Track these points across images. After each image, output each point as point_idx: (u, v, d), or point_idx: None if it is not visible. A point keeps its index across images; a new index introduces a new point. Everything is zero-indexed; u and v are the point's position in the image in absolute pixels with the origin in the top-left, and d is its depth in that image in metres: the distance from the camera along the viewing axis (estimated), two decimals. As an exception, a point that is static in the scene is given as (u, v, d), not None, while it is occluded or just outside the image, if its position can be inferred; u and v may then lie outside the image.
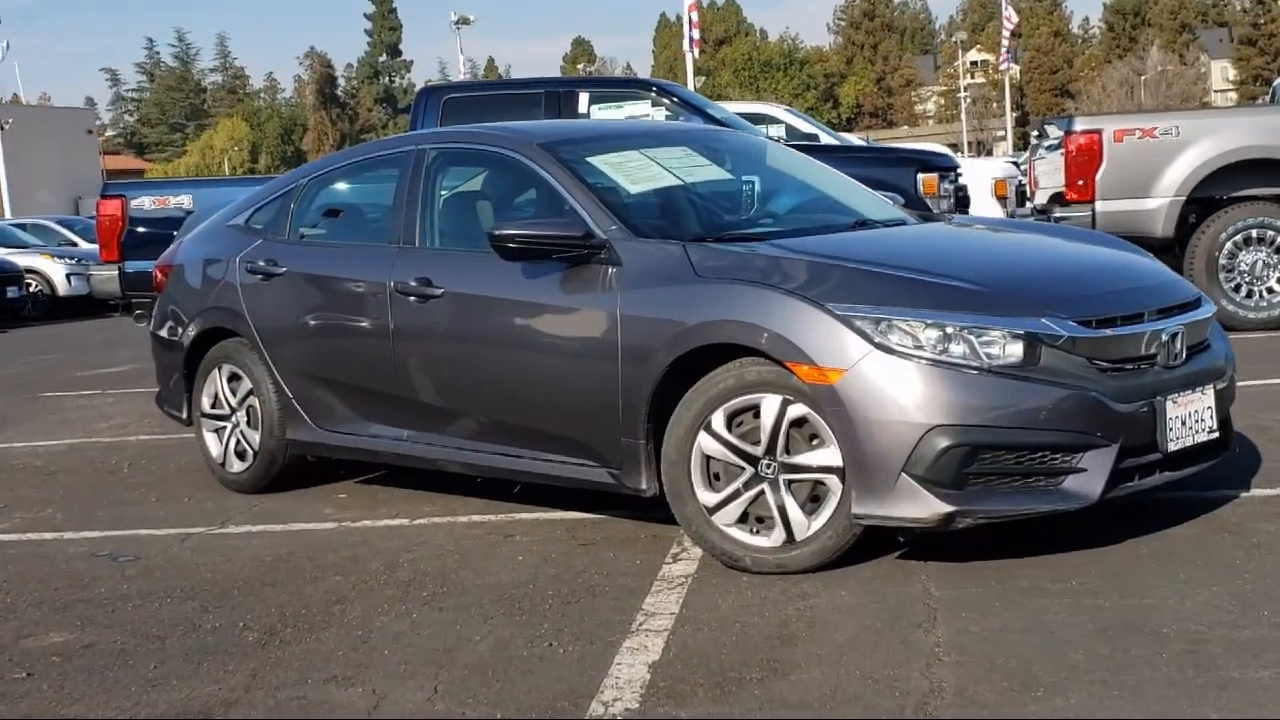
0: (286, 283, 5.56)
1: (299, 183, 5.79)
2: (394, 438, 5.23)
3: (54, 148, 47.24)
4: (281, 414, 5.62)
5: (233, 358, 5.79)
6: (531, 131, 5.14)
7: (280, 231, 5.74)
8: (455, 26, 50.31)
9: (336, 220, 5.74)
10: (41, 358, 13.39)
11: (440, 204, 5.23)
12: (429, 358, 5.03)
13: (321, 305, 5.43)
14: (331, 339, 5.41)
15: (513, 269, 4.69)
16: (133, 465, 6.74)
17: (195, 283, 6.05)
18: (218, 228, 6.15)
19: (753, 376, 4.11)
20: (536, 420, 4.72)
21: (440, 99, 10.03)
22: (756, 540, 4.16)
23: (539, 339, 4.68)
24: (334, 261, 5.45)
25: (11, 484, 6.44)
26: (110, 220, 10.14)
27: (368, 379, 5.28)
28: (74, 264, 20.77)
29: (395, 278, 5.09)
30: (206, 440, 5.98)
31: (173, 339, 6.10)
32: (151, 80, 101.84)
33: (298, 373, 5.52)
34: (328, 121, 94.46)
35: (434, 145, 5.28)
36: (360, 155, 5.78)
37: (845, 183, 5.53)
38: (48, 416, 8.79)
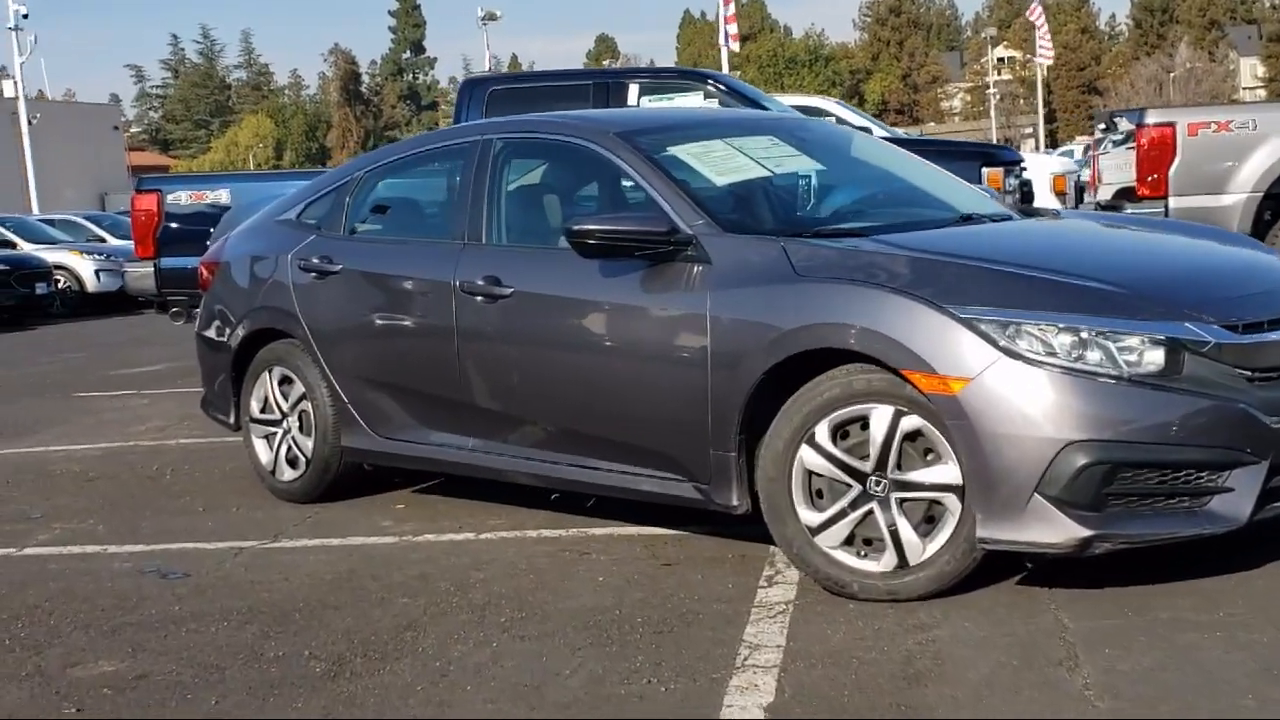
0: (342, 281, 5.24)
1: (355, 175, 5.46)
2: (458, 446, 4.91)
3: (80, 144, 47.17)
4: (336, 419, 5.30)
5: (284, 360, 5.47)
6: (607, 120, 4.80)
7: (335, 227, 5.42)
8: (482, 22, 50.09)
9: (396, 215, 5.42)
10: (72, 356, 13.14)
11: (508, 198, 4.90)
12: (497, 361, 4.70)
13: (380, 305, 5.11)
14: (391, 341, 5.09)
15: (589, 267, 4.36)
16: (175, 471, 6.44)
17: (244, 281, 5.73)
18: (267, 223, 5.84)
19: (862, 385, 3.76)
20: (614, 430, 4.39)
21: (485, 91, 9.70)
22: (865, 564, 3.81)
23: (618, 343, 4.34)
24: (393, 259, 5.12)
25: (49, 491, 6.14)
26: (146, 215, 9.86)
27: (429, 383, 4.95)
28: (103, 260, 20.55)
29: (460, 276, 4.76)
30: (256, 447, 5.66)
31: (220, 340, 5.79)
32: (176, 77, 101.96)
33: (354, 376, 5.21)
34: (352, 118, 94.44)
35: (501, 135, 4.95)
36: (421, 146, 5.44)
37: (937, 174, 5.18)
38: (82, 418, 8.51)
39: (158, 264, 9.80)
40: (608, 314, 4.36)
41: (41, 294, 18.72)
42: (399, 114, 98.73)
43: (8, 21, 31.64)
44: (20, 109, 33.92)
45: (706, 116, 5.80)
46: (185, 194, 9.85)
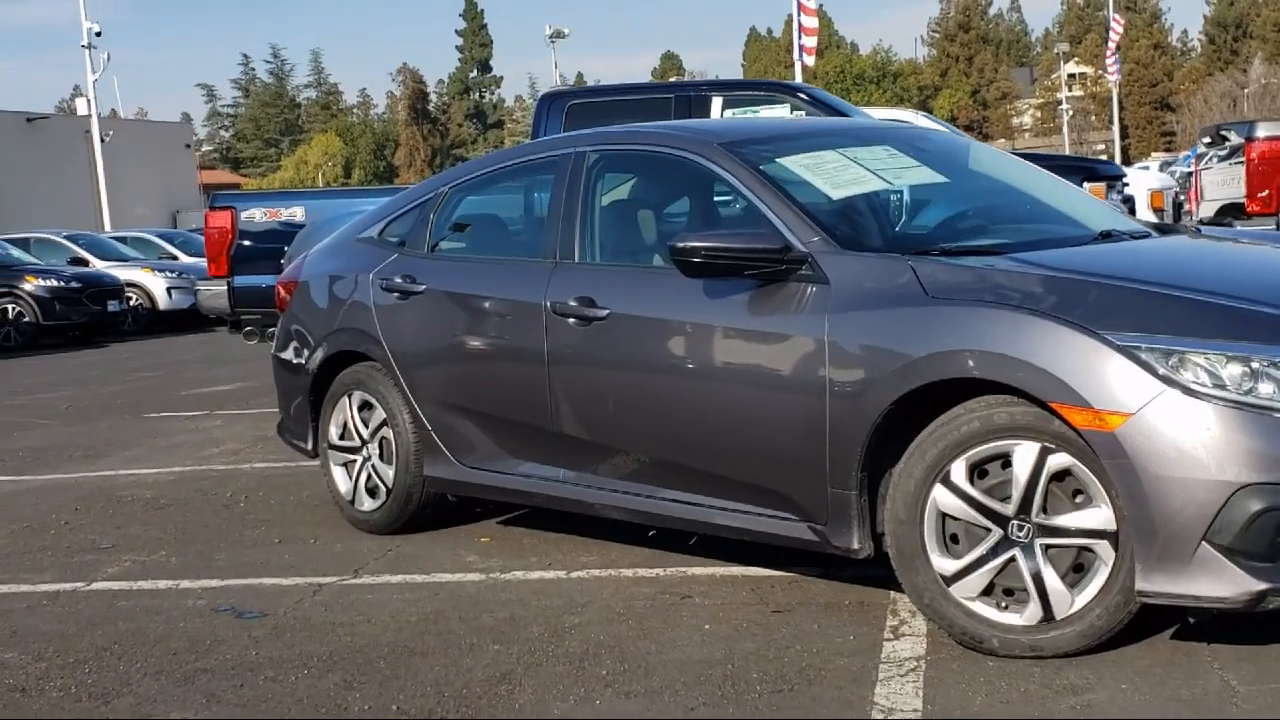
0: (426, 302, 4.97)
1: (439, 191, 5.19)
2: (548, 478, 4.61)
3: (152, 162, 47.73)
4: (419, 447, 5.03)
5: (365, 384, 5.21)
6: (710, 130, 4.48)
7: (418, 245, 5.16)
8: (550, 40, 50.17)
9: (482, 232, 5.14)
10: (144, 375, 13.05)
11: (603, 213, 4.60)
12: (591, 388, 4.40)
13: (466, 327, 4.83)
14: (477, 365, 4.81)
15: (692, 287, 4.05)
16: (249, 499, 6.20)
17: (323, 301, 5.48)
18: (346, 241, 5.59)
19: (1004, 419, 3.41)
20: (719, 464, 4.06)
21: (563, 106, 9.45)
22: (1005, 617, 3.45)
23: (725, 369, 4.02)
24: (481, 278, 4.84)
25: (119, 519, 5.92)
26: (219, 233, 9.69)
27: (519, 411, 4.66)
28: (174, 277, 20.60)
29: (552, 297, 4.47)
30: (334, 474, 5.40)
31: (297, 362, 5.54)
32: (247, 96, 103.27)
33: (438, 402, 4.93)
34: (419, 137, 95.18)
35: (596, 147, 4.66)
36: (509, 160, 5.16)
37: (1062, 188, 4.82)
38: (154, 440, 8.32)
39: (231, 282, 9.62)
40: (712, 338, 4.04)
41: (113, 311, 18.76)
42: (465, 132, 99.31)
43: (81, 39, 32.01)
44: (94, 126, 34.31)
45: (817, 126, 5.47)
46: (259, 211, 9.67)
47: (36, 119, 44.09)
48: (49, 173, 42.11)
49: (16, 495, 6.65)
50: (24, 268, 18.50)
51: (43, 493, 6.67)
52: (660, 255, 4.39)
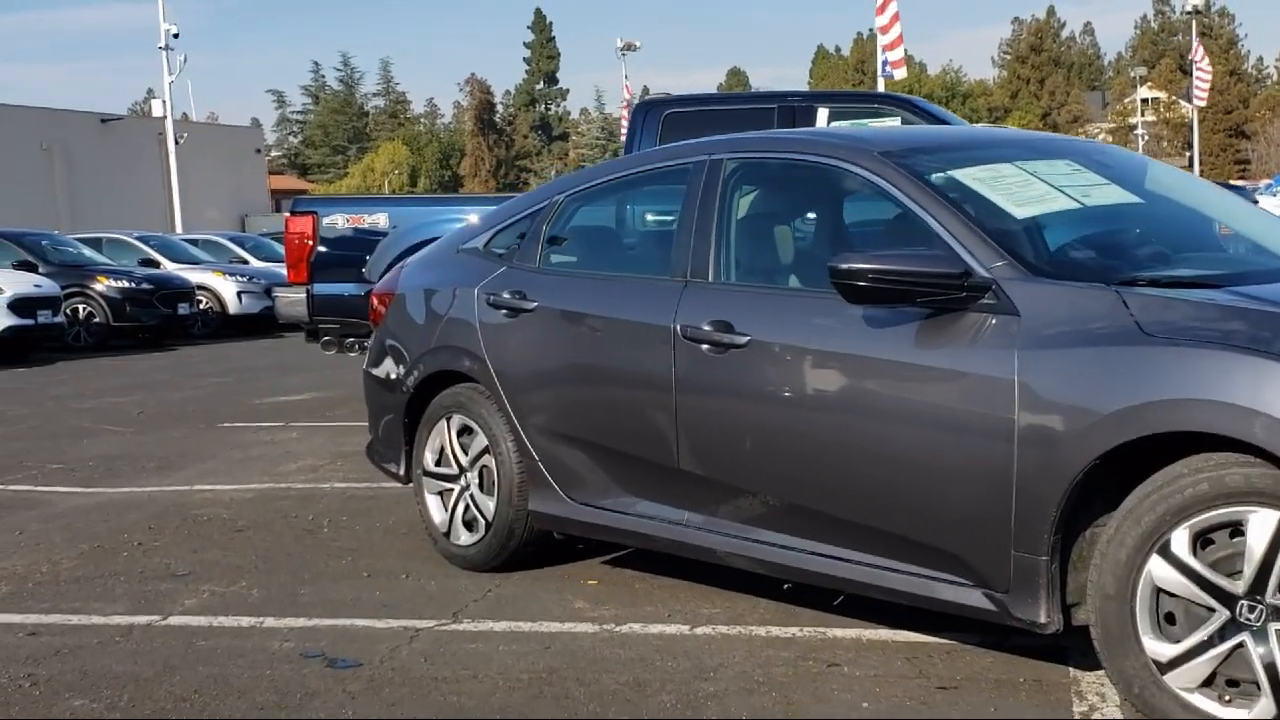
0: (538, 321, 4.54)
1: (553, 200, 4.77)
2: (670, 520, 4.15)
3: (223, 166, 48.02)
4: (524, 478, 4.60)
5: (465, 407, 4.79)
6: (867, 139, 4.01)
7: (529, 258, 4.73)
8: (621, 53, 49.89)
9: (602, 246, 4.73)
10: (214, 381, 12.77)
11: (742, 228, 4.15)
12: (726, 423, 3.94)
13: (582, 350, 4.40)
14: (593, 392, 4.37)
15: (849, 314, 3.58)
16: (333, 523, 5.80)
17: (422, 316, 5.08)
18: (448, 252, 5.18)
19: (1238, 481, 2.91)
20: (877, 516, 3.59)
21: (660, 114, 9.02)
22: (1229, 713, 2.95)
23: (886, 409, 3.54)
24: (600, 297, 4.41)
25: (196, 542, 5.54)
26: (299, 239, 9.36)
27: (638, 444, 4.21)
28: (245, 282, 20.44)
29: (683, 320, 4.02)
30: (428, 503, 4.99)
31: (392, 381, 5.14)
32: (316, 103, 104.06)
33: (547, 430, 4.50)
34: (484, 147, 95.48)
35: (734, 155, 4.21)
36: (632, 168, 4.71)
37: (1252, 211, 4.30)
38: (229, 453, 7.97)
39: (310, 290, 9.28)
40: (874, 372, 3.57)
41: (183, 314, 18.60)
42: (530, 144, 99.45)
43: (159, 41, 32.12)
44: (168, 128, 34.43)
45: (986, 136, 4.96)
46: (342, 217, 9.33)
47: (111, 120, 44.50)
48: (122, 174, 42.46)
49: (88, 510, 6.30)
50: (96, 268, 18.39)
51: (114, 508, 6.32)
52: (805, 277, 3.94)
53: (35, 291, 16.05)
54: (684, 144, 4.49)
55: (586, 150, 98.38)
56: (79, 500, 6.59)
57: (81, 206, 39.78)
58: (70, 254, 18.81)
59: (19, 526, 5.97)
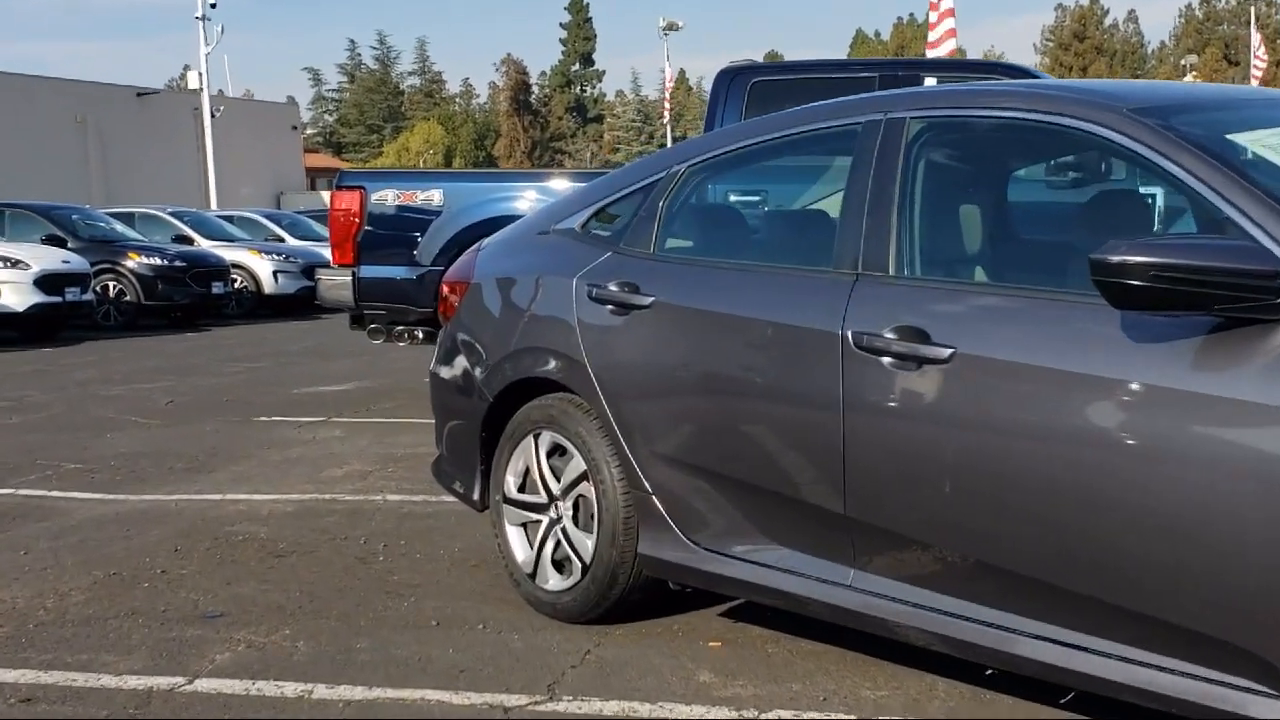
0: (654, 320, 3.66)
1: (672, 170, 3.87)
2: (830, 580, 3.27)
3: (258, 142, 47.33)
4: (631, 514, 3.73)
5: (558, 423, 3.92)
6: (1109, 92, 3.08)
7: (641, 242, 3.85)
8: (663, 32, 48.98)
9: (738, 228, 3.84)
10: (249, 366, 11.97)
11: (935, 207, 3.25)
12: (915, 459, 3.05)
13: (714, 358, 3.52)
14: (729, 412, 3.48)
15: (1099, 323, 2.70)
16: (389, 548, 4.95)
17: (504, 311, 4.21)
18: (534, 234, 4.31)
19: None
20: (1141, 595, 2.69)
21: (746, 83, 8.10)
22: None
23: (1157, 451, 2.63)
24: (738, 292, 3.52)
25: (229, 569, 4.70)
26: (345, 216, 8.50)
27: (790, 481, 3.33)
28: (281, 261, 19.68)
29: (855, 325, 3.14)
30: (509, 537, 4.13)
31: (465, 386, 4.27)
32: (352, 81, 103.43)
33: (665, 456, 3.63)
34: (520, 128, 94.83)
35: (920, 112, 3.30)
36: (779, 130, 3.75)
37: None
38: (265, 453, 7.14)
39: (357, 272, 8.43)
40: (1141, 402, 2.66)
41: (217, 294, 17.84)
42: (565, 125, 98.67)
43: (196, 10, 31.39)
44: (204, 100, 33.75)
45: (1239, 92, 4.00)
46: (392, 192, 8.45)
47: (146, 94, 43.85)
48: (157, 149, 41.84)
49: (105, 523, 5.48)
50: (127, 244, 17.65)
51: (136, 522, 5.49)
52: (1029, 272, 3.04)
53: (63, 268, 15.31)
54: (847, 101, 3.58)
55: (621, 133, 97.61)
56: (96, 510, 5.77)
57: (115, 181, 39.18)
58: (101, 229, 18.07)
59: (25, 544, 5.16)
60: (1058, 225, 3.23)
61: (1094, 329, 2.72)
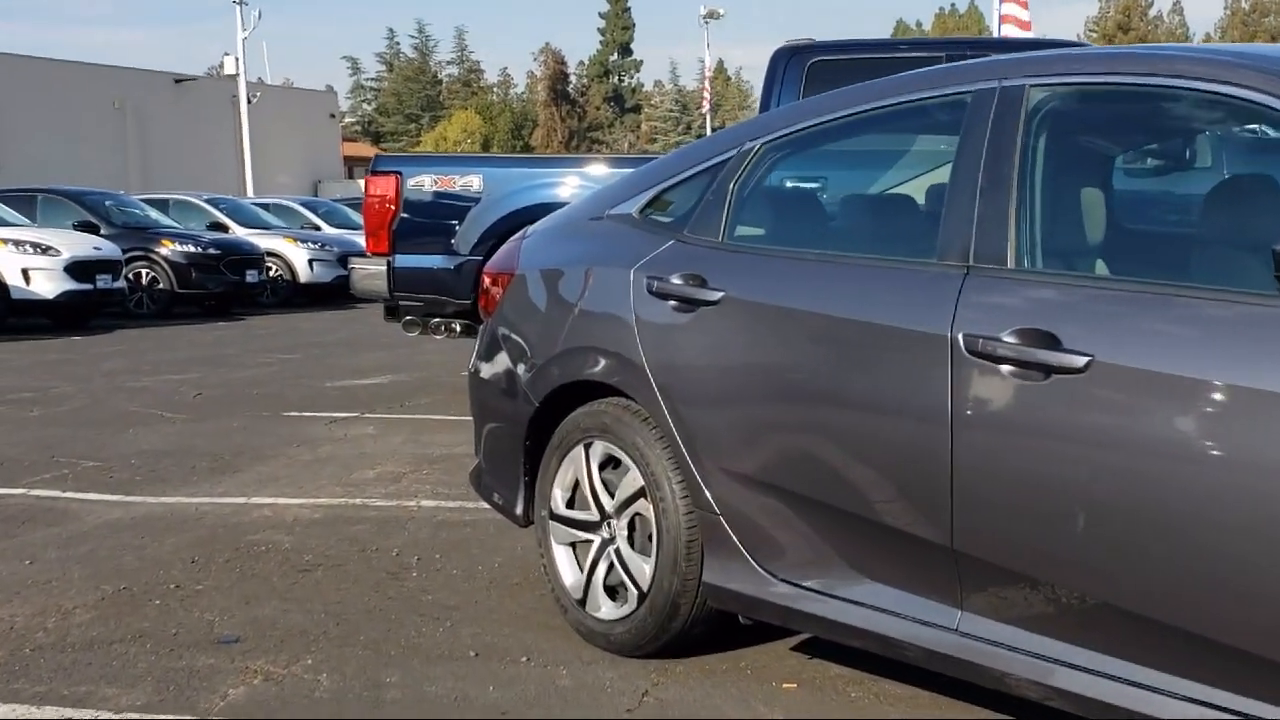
0: (725, 317, 3.22)
1: (744, 147, 3.41)
2: (932, 622, 2.82)
3: (296, 130, 47.15)
4: (695, 536, 3.30)
5: (612, 431, 3.49)
6: (1269, 55, 2.62)
7: (708, 229, 3.40)
8: (704, 21, 48.48)
9: (822, 214, 3.39)
10: (281, 357, 11.61)
11: (1062, 190, 2.80)
12: (1041, 486, 2.59)
13: (796, 362, 3.07)
14: (813, 424, 3.03)
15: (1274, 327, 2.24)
16: (422, 562, 4.54)
17: (552, 305, 3.78)
18: (586, 220, 3.87)
19: None
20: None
21: (804, 63, 7.62)
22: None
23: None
24: (824, 287, 3.07)
25: (248, 586, 4.30)
26: (381, 203, 8.10)
27: (884, 505, 2.88)
28: (317, 249, 19.36)
29: (967, 326, 2.68)
30: (556, 557, 3.70)
31: (509, 389, 3.85)
32: (390, 70, 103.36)
33: (736, 472, 3.18)
34: (557, 118, 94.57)
35: (1042, 80, 2.83)
36: (870, 100, 3.25)
37: None
38: (294, 452, 6.75)
39: (392, 261, 8.04)
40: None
41: (252, 282, 17.54)
42: (603, 115, 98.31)
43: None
44: (240, 85, 33.51)
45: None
46: (429, 177, 8.05)
47: (184, 80, 43.74)
48: (194, 135, 41.73)
49: (119, 530, 5.09)
50: (160, 230, 17.37)
51: (152, 528, 5.10)
52: (1182, 266, 2.58)
53: (94, 254, 15.03)
54: (954, 67, 3.12)
55: (659, 123, 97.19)
56: (111, 514, 5.38)
57: (152, 167, 39.10)
58: (135, 215, 17.81)
59: (32, 552, 4.78)
60: (1210, 212, 2.76)
61: (1273, 335, 2.25)
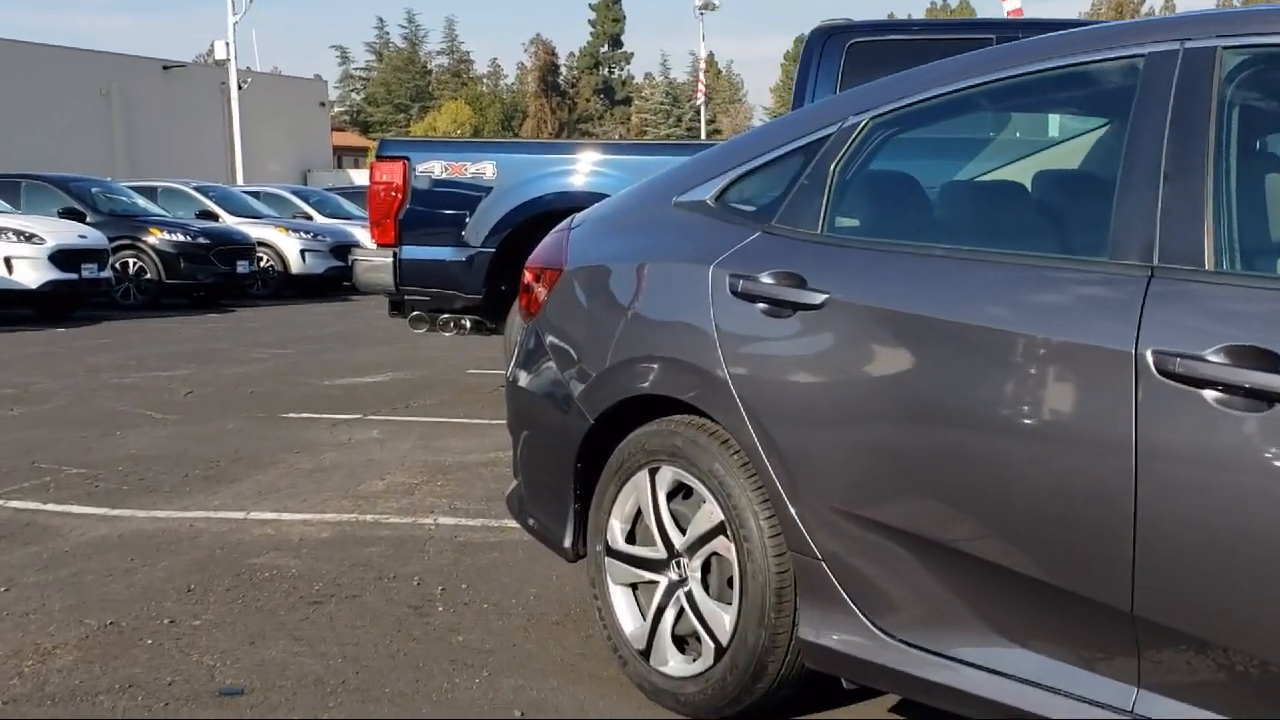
0: (830, 324, 2.70)
1: (847, 123, 2.89)
2: (1101, 701, 2.30)
3: (286, 118, 46.55)
4: (787, 583, 2.79)
5: (685, 455, 2.97)
6: None
7: (804, 219, 2.88)
8: (699, 12, 48.01)
9: (950, 201, 2.87)
10: (275, 352, 11.08)
11: (1267, 175, 2.29)
12: (1254, 539, 2.09)
13: (925, 381, 2.55)
14: (946, 455, 2.51)
15: None
16: (447, 593, 4.02)
17: (610, 307, 3.25)
18: (643, 208, 3.35)
19: None
20: None
21: (842, 45, 7.10)
22: None
23: None
24: (960, 290, 2.55)
25: (253, 620, 3.77)
26: (387, 190, 7.56)
27: (1040, 557, 2.37)
28: (309, 239, 18.84)
29: (1158, 343, 2.17)
30: (612, 600, 3.19)
31: (558, 402, 3.33)
32: (380, 60, 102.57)
33: (842, 510, 2.67)
34: (547, 109, 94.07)
35: (1238, 39, 2.32)
36: (1006, 65, 2.70)
37: None
38: (295, 458, 6.23)
39: (398, 253, 7.51)
40: None
41: (242, 273, 17.00)
42: (593, 107, 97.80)
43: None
44: (231, 71, 32.86)
45: None
46: (440, 163, 7.51)
47: (173, 67, 43.12)
48: (183, 123, 41.14)
49: (106, 550, 4.57)
50: (149, 219, 16.80)
51: (142, 548, 4.58)
52: None
53: (80, 243, 14.48)
54: (1117, 26, 2.60)
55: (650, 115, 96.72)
56: (97, 530, 4.86)
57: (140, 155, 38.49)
58: (122, 203, 17.23)
59: (9, 576, 4.26)
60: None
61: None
